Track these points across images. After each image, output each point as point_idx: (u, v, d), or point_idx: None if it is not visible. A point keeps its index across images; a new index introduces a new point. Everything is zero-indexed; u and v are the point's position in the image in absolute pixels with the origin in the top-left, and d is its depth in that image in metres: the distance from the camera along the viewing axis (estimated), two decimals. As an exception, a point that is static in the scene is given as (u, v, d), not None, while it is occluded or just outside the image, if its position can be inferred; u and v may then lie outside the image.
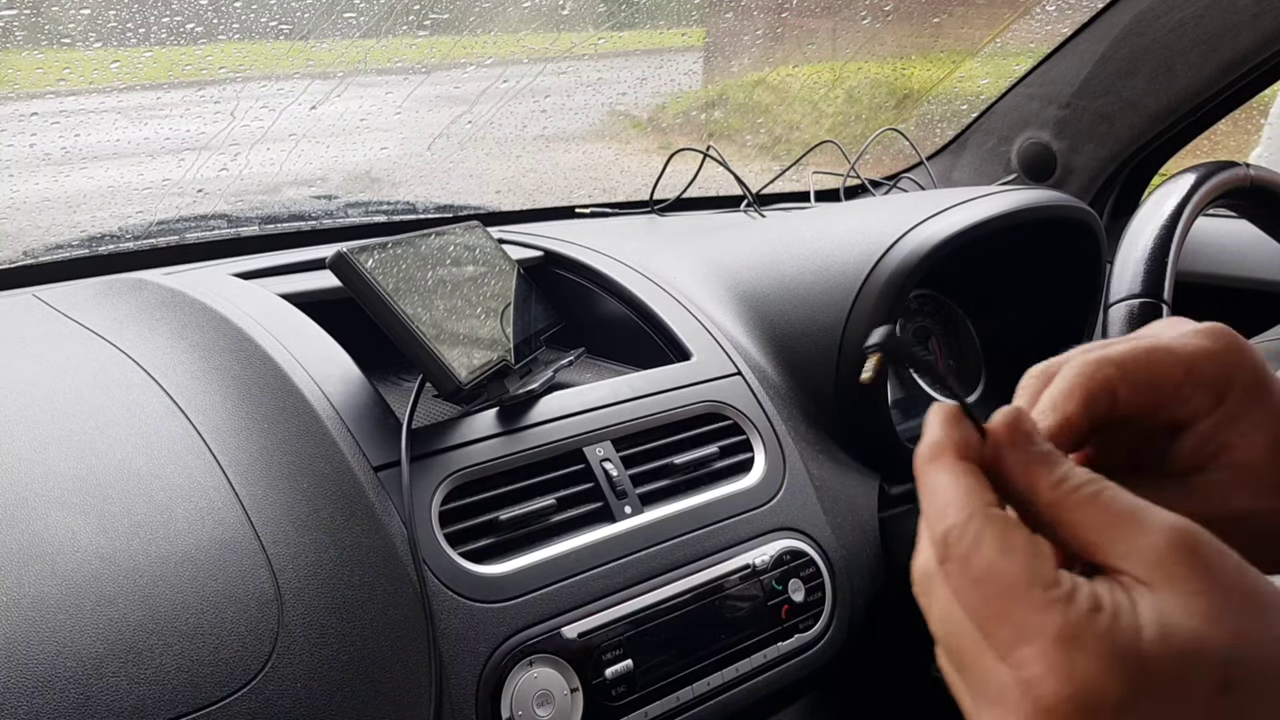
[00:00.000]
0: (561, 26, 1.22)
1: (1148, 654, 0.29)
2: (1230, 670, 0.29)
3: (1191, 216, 0.79)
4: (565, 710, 0.68)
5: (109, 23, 0.95)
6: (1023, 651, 0.30)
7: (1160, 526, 0.31)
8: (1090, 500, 0.32)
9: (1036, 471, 0.33)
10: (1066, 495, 0.32)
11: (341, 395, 0.72)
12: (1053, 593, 0.30)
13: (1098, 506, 0.32)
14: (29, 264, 0.99)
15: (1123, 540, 0.31)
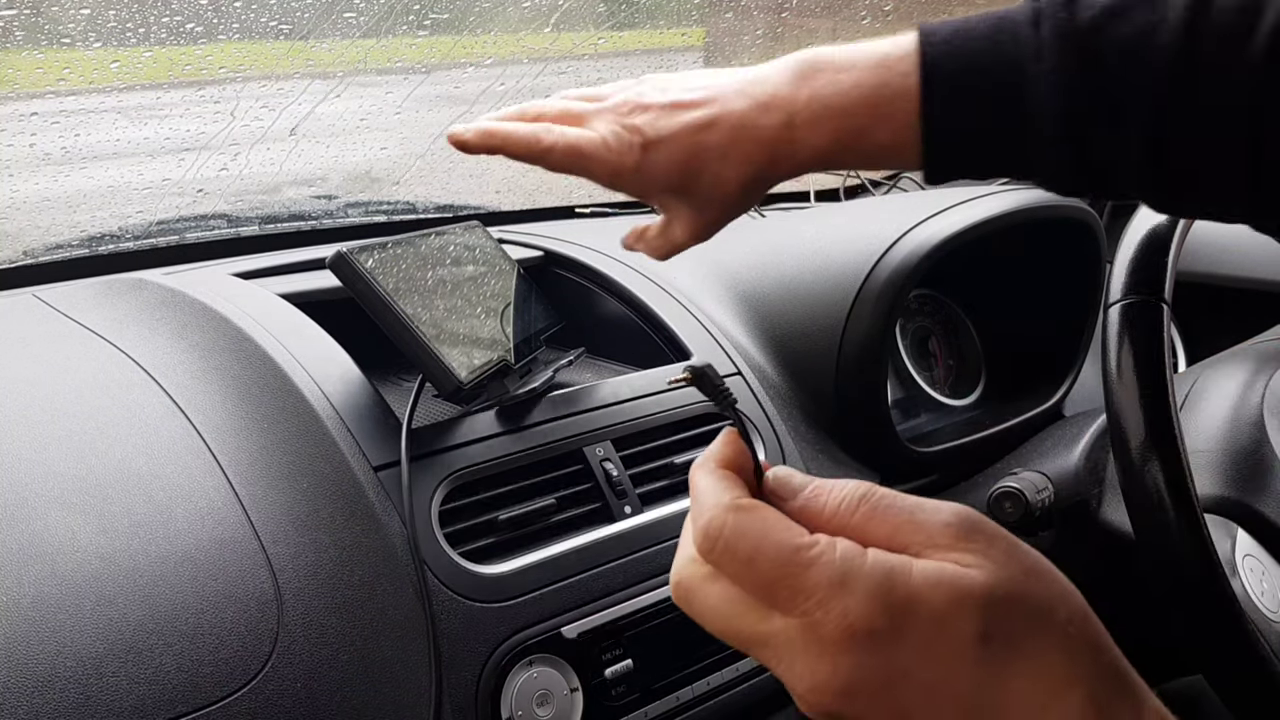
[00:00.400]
0: (561, 26, 1.22)
1: (914, 596, 0.33)
2: (990, 623, 0.33)
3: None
4: (565, 710, 0.68)
5: (109, 22, 0.95)
6: (805, 605, 0.34)
7: (942, 513, 0.36)
8: (871, 516, 0.37)
9: (809, 512, 0.38)
10: (846, 519, 0.37)
11: (341, 395, 0.72)
12: (814, 553, 0.35)
13: (878, 519, 0.37)
14: (29, 264, 0.99)
15: (910, 538, 0.36)
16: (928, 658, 0.34)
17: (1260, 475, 0.77)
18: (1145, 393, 0.66)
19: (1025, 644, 0.34)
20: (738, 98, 0.59)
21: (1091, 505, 0.87)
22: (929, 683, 0.34)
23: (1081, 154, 0.54)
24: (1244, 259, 1.26)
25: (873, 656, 0.34)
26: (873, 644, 0.34)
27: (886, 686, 0.34)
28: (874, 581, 0.34)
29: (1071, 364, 1.09)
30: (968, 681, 0.34)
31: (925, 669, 0.34)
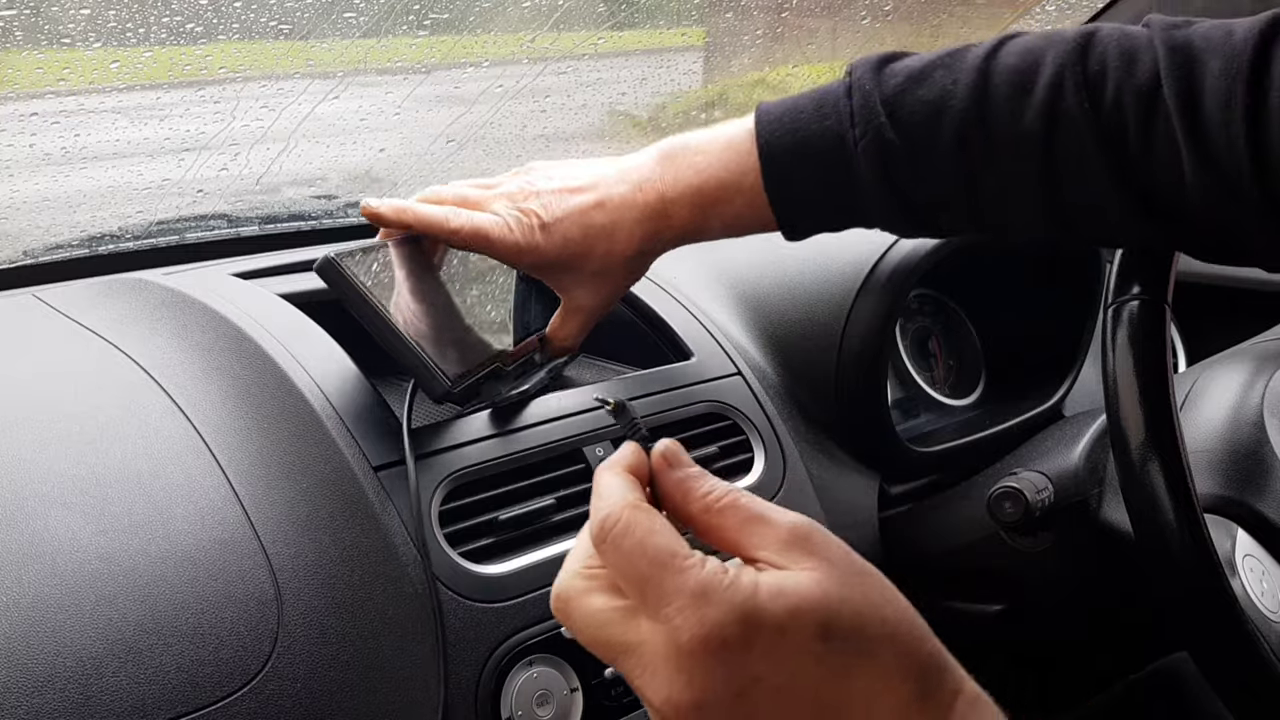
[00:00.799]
0: (561, 26, 1.22)
1: (761, 608, 0.37)
2: (828, 625, 0.37)
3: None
4: (565, 710, 0.68)
5: (109, 23, 0.95)
6: (667, 609, 0.37)
7: (784, 522, 0.40)
8: (730, 507, 0.41)
9: (688, 486, 0.42)
10: (711, 504, 0.41)
11: (341, 395, 0.72)
12: (688, 562, 0.38)
13: (736, 511, 0.41)
14: (29, 264, 0.99)
15: (756, 535, 0.40)
16: (775, 662, 0.37)
17: (1260, 475, 0.77)
18: (1145, 393, 0.66)
19: (860, 642, 0.38)
20: (618, 183, 0.68)
21: (1091, 505, 0.87)
22: (778, 685, 0.37)
23: (905, 202, 0.63)
24: (1244, 259, 1.26)
25: (725, 666, 0.37)
26: (726, 654, 0.37)
27: (739, 695, 0.37)
28: (732, 595, 0.37)
29: (1071, 364, 1.09)
30: (812, 680, 0.37)
31: (774, 673, 0.37)
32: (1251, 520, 0.76)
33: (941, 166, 0.61)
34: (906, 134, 0.61)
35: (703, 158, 0.67)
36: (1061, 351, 1.09)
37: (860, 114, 0.62)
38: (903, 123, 0.61)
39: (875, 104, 0.62)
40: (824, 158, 0.63)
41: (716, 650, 0.37)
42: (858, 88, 0.63)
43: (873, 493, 0.94)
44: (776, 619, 0.37)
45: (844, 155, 0.63)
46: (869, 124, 0.62)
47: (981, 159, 0.60)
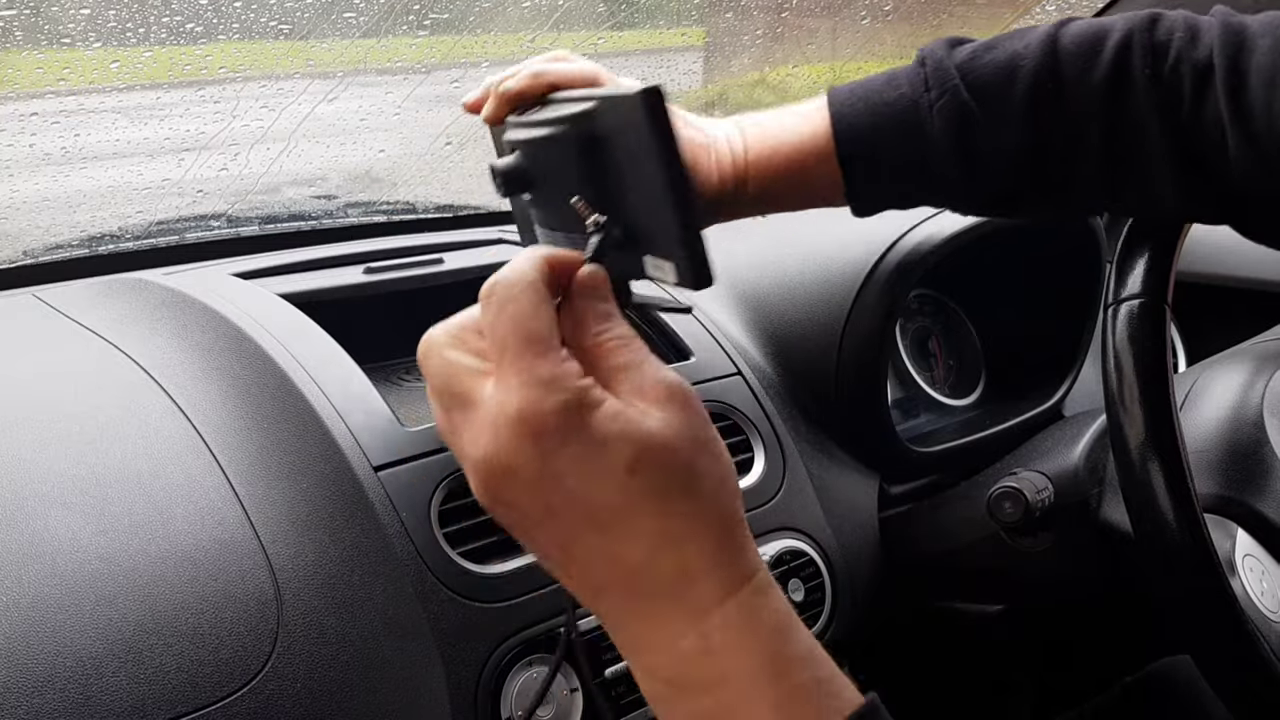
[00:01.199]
0: (561, 26, 1.22)
1: (591, 418, 0.40)
2: (640, 459, 0.40)
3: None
4: (565, 710, 0.68)
5: (109, 22, 0.95)
6: (513, 380, 0.41)
7: (658, 376, 0.43)
8: (617, 350, 0.43)
9: (590, 317, 0.44)
10: (602, 342, 0.43)
11: (341, 395, 0.72)
12: (553, 353, 0.41)
13: (621, 354, 0.43)
14: (29, 264, 0.99)
15: (629, 379, 0.42)
16: (581, 469, 0.40)
17: (1260, 475, 0.77)
18: (1145, 393, 0.66)
19: (663, 492, 0.41)
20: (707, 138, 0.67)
21: (1091, 505, 0.87)
22: (574, 490, 0.40)
23: (975, 166, 0.64)
24: (1244, 259, 1.26)
25: (537, 449, 0.40)
26: (542, 439, 0.40)
27: (539, 480, 0.40)
28: (570, 393, 0.40)
29: (1071, 364, 1.09)
30: (606, 501, 0.40)
31: (575, 478, 0.40)
32: (1251, 520, 0.76)
33: (1013, 124, 0.62)
34: (980, 94, 0.63)
35: (776, 127, 0.67)
36: (1061, 351, 1.09)
37: (934, 78, 0.64)
38: (976, 85, 0.63)
39: (949, 68, 0.63)
40: (897, 124, 0.64)
41: (534, 432, 0.40)
42: (930, 58, 0.65)
43: (873, 493, 0.94)
44: (599, 433, 0.40)
45: (917, 120, 0.64)
46: (944, 86, 0.63)
47: (1051, 116, 0.62)
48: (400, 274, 0.93)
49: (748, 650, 0.40)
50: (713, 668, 0.40)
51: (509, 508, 0.43)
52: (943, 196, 0.69)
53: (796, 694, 0.40)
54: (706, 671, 0.40)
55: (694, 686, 0.40)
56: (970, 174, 0.65)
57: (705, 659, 0.40)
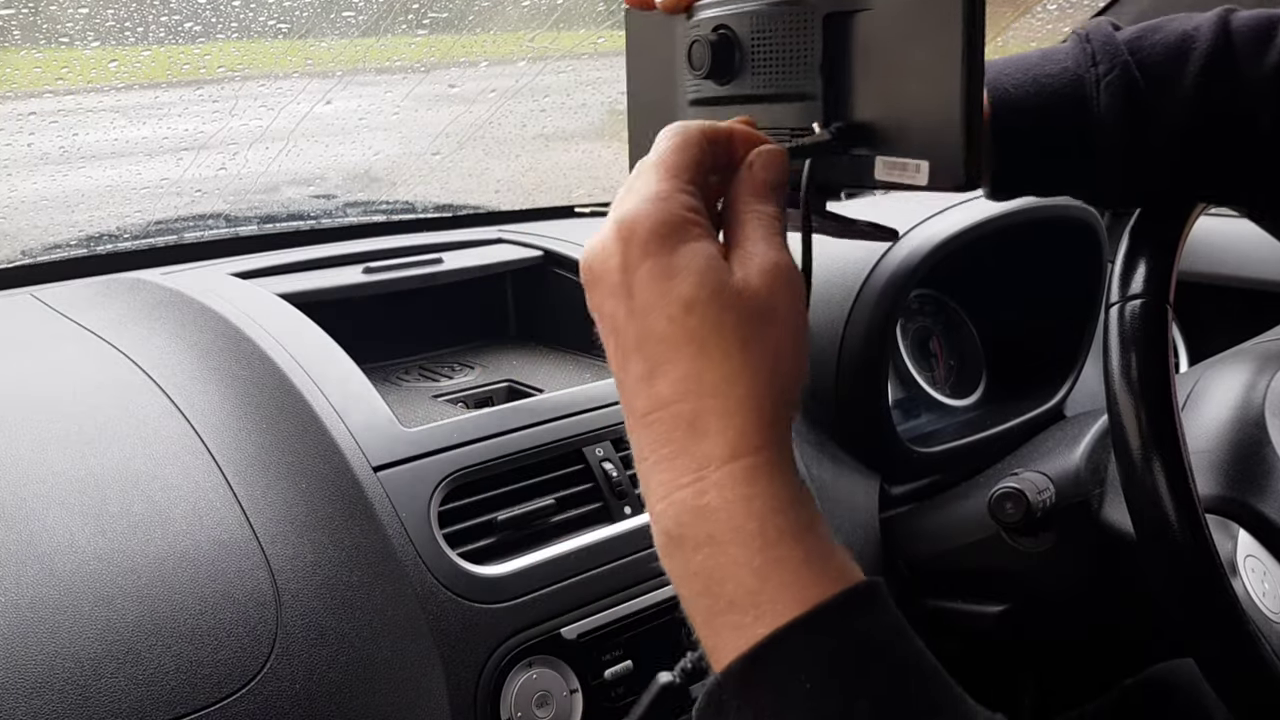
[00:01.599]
0: (561, 26, 1.22)
1: (682, 245, 0.42)
2: (696, 300, 0.41)
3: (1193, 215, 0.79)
4: (565, 711, 0.67)
5: (107, 22, 0.95)
6: (632, 189, 0.43)
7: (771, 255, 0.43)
8: (760, 221, 0.44)
9: (752, 188, 0.45)
10: (752, 210, 0.44)
11: (341, 395, 0.72)
12: (678, 180, 0.43)
13: (760, 226, 0.44)
14: (27, 264, 0.99)
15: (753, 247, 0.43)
16: (648, 288, 0.41)
17: (1262, 475, 0.77)
18: (1147, 393, 0.65)
19: (707, 343, 0.41)
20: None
21: (1093, 505, 0.86)
22: (637, 308, 0.42)
23: (1140, 146, 0.61)
24: (1244, 259, 1.26)
25: (621, 254, 0.42)
26: (627, 244, 0.42)
27: (618, 285, 0.42)
28: (670, 214, 0.42)
29: (1073, 364, 1.08)
30: (656, 329, 0.42)
31: (642, 296, 0.42)
32: (1253, 521, 0.76)
33: (1183, 106, 0.60)
34: (1149, 72, 0.60)
35: None
36: (1063, 351, 1.09)
37: (1102, 53, 0.61)
38: (1145, 63, 0.60)
39: (1118, 44, 0.61)
40: (1061, 98, 0.61)
41: (624, 236, 0.42)
42: (1095, 34, 0.62)
43: (873, 493, 0.94)
44: (678, 260, 0.42)
45: (1082, 95, 0.61)
46: (1113, 61, 0.61)
47: (1222, 100, 0.60)
48: (399, 273, 0.92)
49: (739, 515, 0.40)
50: (704, 525, 0.40)
51: (598, 312, 0.44)
52: (1091, 181, 0.64)
53: (783, 564, 0.40)
54: (698, 528, 0.41)
55: (687, 542, 0.41)
56: (1133, 155, 0.61)
57: (698, 515, 0.41)
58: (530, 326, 1.06)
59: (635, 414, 0.43)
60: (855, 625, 0.40)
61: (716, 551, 0.40)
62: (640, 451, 0.43)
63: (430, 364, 0.97)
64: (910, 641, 0.40)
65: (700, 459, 0.41)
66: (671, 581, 0.42)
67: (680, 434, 0.42)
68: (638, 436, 0.43)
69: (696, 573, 0.41)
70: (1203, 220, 0.74)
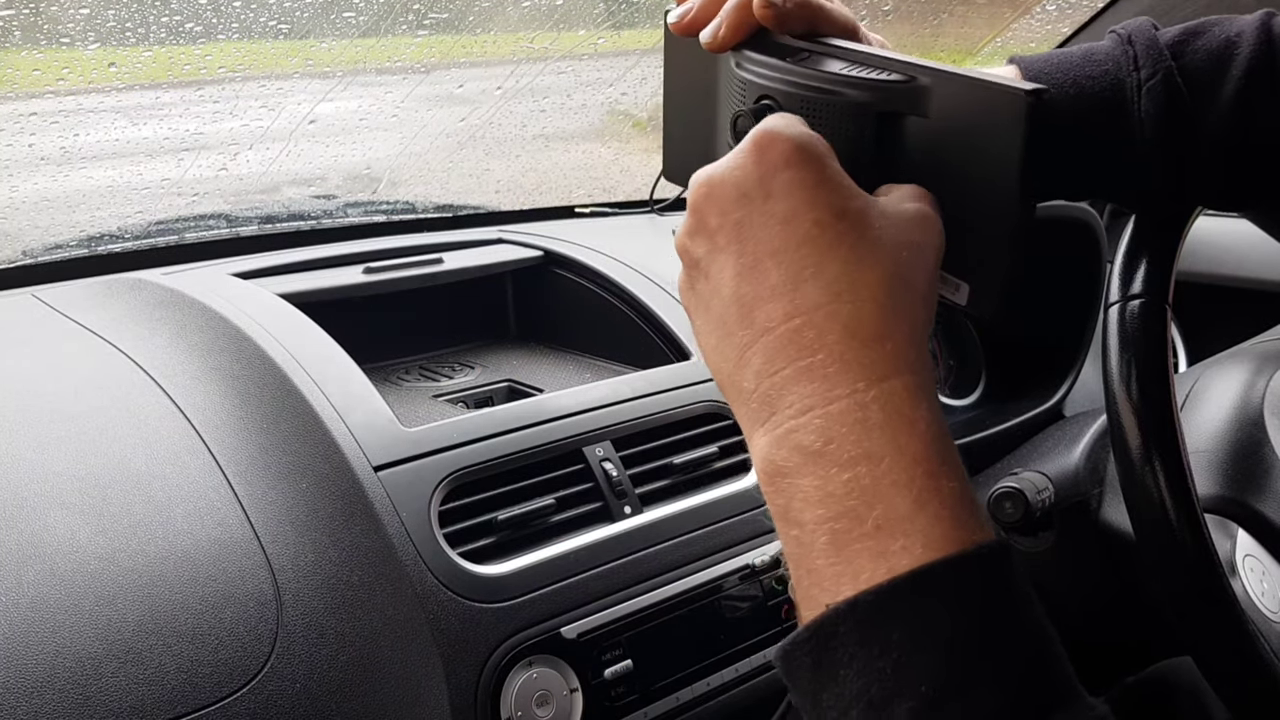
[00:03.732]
0: (561, 26, 1.22)
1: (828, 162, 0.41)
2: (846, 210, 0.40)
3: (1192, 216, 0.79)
4: (565, 710, 0.68)
5: (108, 22, 0.95)
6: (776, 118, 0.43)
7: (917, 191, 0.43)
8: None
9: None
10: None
11: (341, 395, 0.72)
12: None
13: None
14: (28, 264, 0.99)
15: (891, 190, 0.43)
16: (791, 195, 0.40)
17: (1261, 475, 0.77)
18: (1146, 393, 0.65)
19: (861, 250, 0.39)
20: None
21: (1092, 505, 0.86)
22: (776, 212, 0.40)
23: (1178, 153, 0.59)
24: (1244, 259, 1.26)
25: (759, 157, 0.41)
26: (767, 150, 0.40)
27: (750, 189, 0.40)
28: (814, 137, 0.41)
29: (1072, 364, 1.08)
30: (805, 234, 0.39)
31: (783, 202, 0.40)
32: (1252, 521, 0.76)
33: (1225, 114, 0.58)
34: (1192, 78, 0.59)
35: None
36: (1062, 351, 1.09)
37: (1145, 56, 0.59)
38: (1188, 69, 0.59)
39: (1161, 48, 0.59)
40: (1100, 101, 0.59)
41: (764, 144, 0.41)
42: (1138, 36, 0.61)
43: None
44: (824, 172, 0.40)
45: (1122, 99, 0.59)
46: (1156, 66, 0.58)
47: (1267, 107, 0.58)
48: (400, 274, 0.93)
49: (904, 434, 0.37)
50: (861, 440, 0.37)
51: (720, 222, 0.41)
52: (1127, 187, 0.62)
53: (945, 496, 0.37)
54: (852, 443, 0.37)
55: (832, 457, 0.37)
56: (1172, 163, 0.59)
57: (857, 429, 0.37)
58: (530, 326, 1.06)
59: (773, 323, 0.39)
60: (1005, 578, 0.37)
61: (873, 469, 0.37)
62: (771, 364, 0.39)
63: (430, 364, 0.97)
64: (1042, 615, 0.39)
65: (861, 369, 0.38)
66: (792, 507, 0.38)
67: (835, 339, 0.38)
68: (769, 349, 0.39)
69: (838, 492, 0.37)
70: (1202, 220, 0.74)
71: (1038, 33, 1.42)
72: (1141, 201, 0.65)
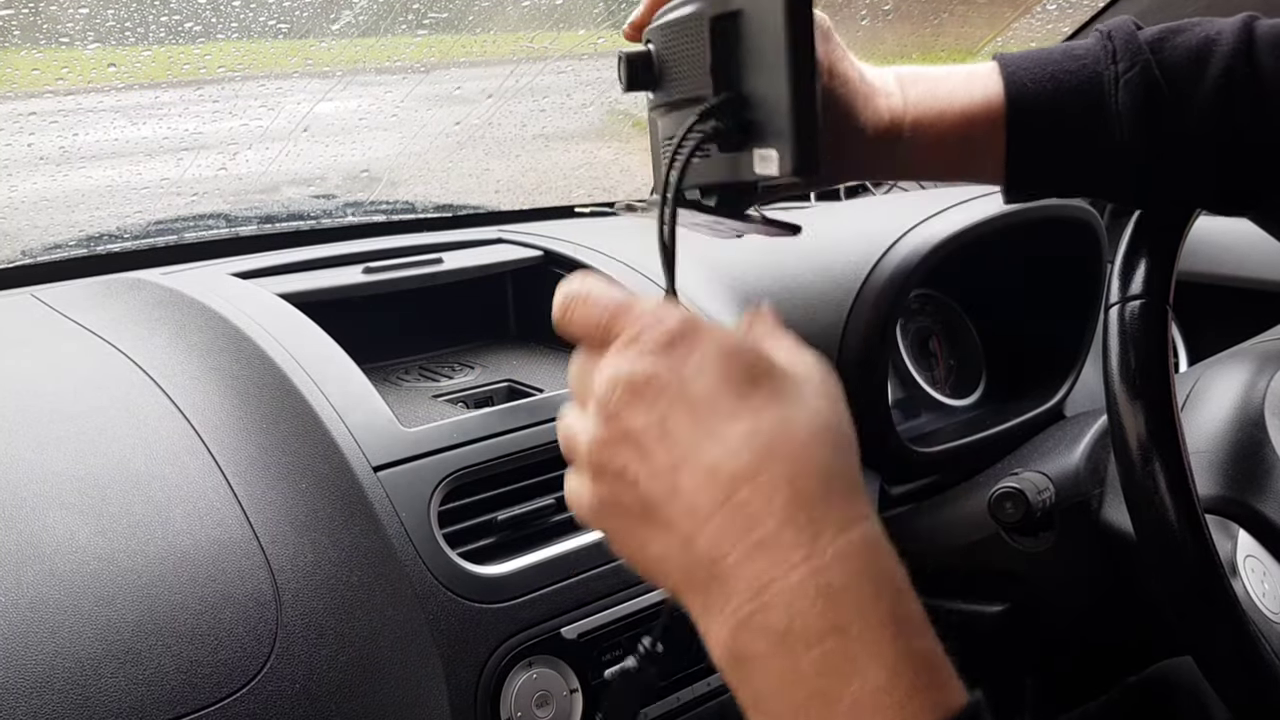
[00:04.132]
0: (561, 26, 1.22)
1: (713, 332, 0.40)
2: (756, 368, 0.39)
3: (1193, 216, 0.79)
4: (565, 710, 0.68)
5: (107, 22, 0.95)
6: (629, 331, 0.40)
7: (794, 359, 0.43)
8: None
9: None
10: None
11: (341, 395, 0.72)
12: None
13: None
14: (27, 264, 0.99)
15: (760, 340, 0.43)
16: (703, 371, 0.39)
17: (1261, 475, 0.77)
18: (1146, 393, 0.65)
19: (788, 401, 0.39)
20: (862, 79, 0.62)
21: (1092, 505, 0.86)
22: (690, 400, 0.38)
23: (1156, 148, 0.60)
24: (1244, 259, 1.26)
25: (667, 356, 0.39)
26: (670, 347, 0.39)
27: (666, 386, 0.39)
28: (684, 318, 0.40)
29: (1072, 364, 1.08)
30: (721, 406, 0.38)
31: (693, 386, 0.38)
32: (1253, 521, 0.76)
33: (1203, 110, 0.59)
34: (1170, 73, 0.59)
35: (945, 88, 0.62)
36: (1062, 351, 1.09)
37: (1123, 51, 0.60)
38: (1166, 64, 0.59)
39: (1140, 43, 0.60)
40: (1079, 94, 0.60)
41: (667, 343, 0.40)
42: (1117, 32, 0.61)
43: (873, 493, 0.94)
44: (722, 344, 0.40)
45: (1100, 92, 0.60)
46: (1134, 60, 0.59)
47: (1246, 105, 0.59)
48: (399, 274, 0.92)
49: (868, 597, 0.35)
50: (826, 612, 0.34)
51: (627, 435, 0.39)
52: (1112, 182, 0.63)
53: (918, 662, 0.35)
54: (817, 617, 0.34)
55: (799, 637, 0.34)
56: (1151, 158, 0.60)
57: (819, 600, 0.34)
58: (530, 326, 1.06)
59: (714, 507, 0.37)
60: None
61: (844, 644, 0.34)
62: (718, 547, 0.37)
63: (430, 364, 0.97)
64: None
65: (812, 529, 0.35)
66: (761, 696, 0.36)
67: (780, 504, 0.36)
68: (714, 533, 0.37)
69: (809, 673, 0.34)
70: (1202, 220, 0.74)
71: (1038, 33, 1.42)
72: (1131, 199, 0.65)
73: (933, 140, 0.61)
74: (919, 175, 0.66)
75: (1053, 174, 0.63)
